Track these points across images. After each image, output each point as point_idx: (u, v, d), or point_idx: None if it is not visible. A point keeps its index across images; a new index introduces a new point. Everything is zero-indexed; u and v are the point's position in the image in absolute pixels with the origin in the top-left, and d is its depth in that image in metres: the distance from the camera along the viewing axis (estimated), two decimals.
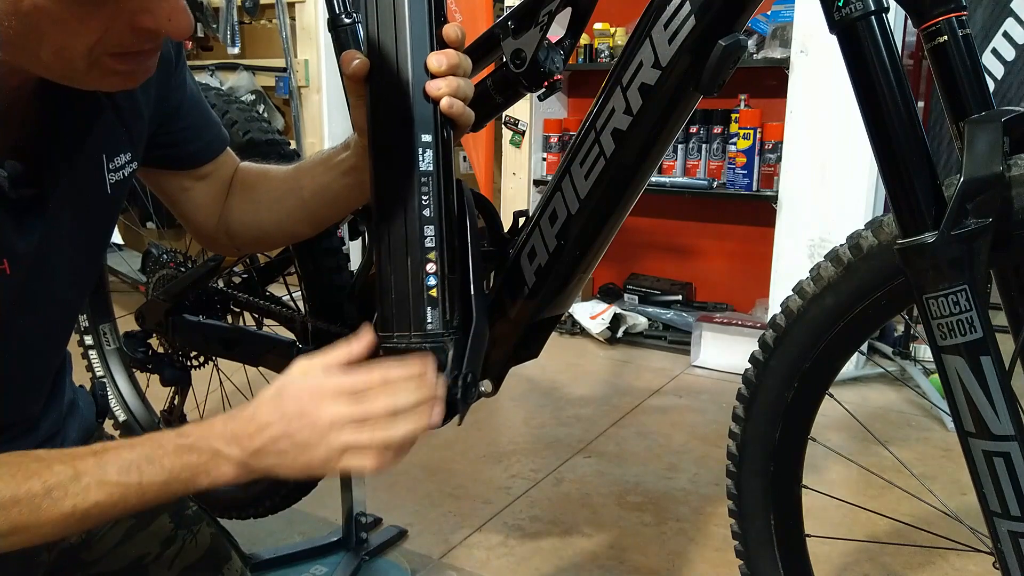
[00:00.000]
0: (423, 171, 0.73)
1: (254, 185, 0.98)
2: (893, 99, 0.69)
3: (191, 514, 1.00)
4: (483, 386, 1.01)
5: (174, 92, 0.88)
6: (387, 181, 0.75)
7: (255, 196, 0.98)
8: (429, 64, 0.73)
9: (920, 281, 0.70)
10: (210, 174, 0.96)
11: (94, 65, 0.62)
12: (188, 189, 0.96)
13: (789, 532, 0.98)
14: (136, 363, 1.50)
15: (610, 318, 2.96)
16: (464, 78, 0.75)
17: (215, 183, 0.97)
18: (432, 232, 0.74)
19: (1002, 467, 0.70)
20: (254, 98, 3.45)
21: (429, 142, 0.73)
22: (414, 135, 0.73)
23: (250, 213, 0.97)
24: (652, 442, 2.12)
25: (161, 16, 0.61)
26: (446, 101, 0.73)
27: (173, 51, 0.86)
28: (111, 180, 0.80)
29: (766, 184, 2.72)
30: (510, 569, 1.54)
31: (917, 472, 1.88)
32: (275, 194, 0.96)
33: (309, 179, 0.93)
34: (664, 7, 0.77)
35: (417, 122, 0.73)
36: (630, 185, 0.86)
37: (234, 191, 0.99)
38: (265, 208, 0.97)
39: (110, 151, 0.79)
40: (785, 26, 2.62)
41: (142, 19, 0.61)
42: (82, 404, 0.95)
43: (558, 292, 0.93)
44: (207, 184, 0.96)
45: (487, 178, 3.18)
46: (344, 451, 0.68)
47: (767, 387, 0.93)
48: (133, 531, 0.95)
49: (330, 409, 0.68)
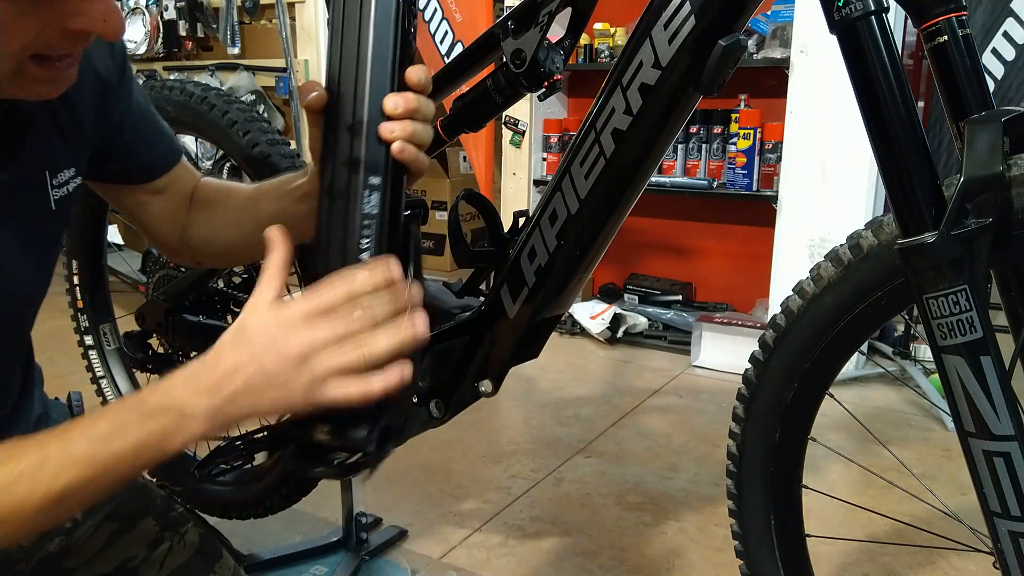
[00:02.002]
0: (366, 213, 0.71)
1: (214, 202, 0.98)
2: (893, 99, 0.69)
3: (177, 516, 0.99)
4: (483, 386, 1.01)
5: (117, 105, 0.87)
6: (330, 218, 0.73)
7: (215, 213, 0.97)
8: (386, 106, 0.71)
9: (920, 281, 0.70)
10: (166, 188, 0.96)
11: (18, 71, 0.62)
12: (145, 203, 0.95)
13: (789, 532, 0.98)
14: (136, 363, 1.50)
15: (610, 318, 2.96)
16: (423, 123, 0.73)
17: (173, 198, 0.97)
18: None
19: (1002, 467, 0.70)
20: (254, 98, 3.45)
21: (376, 185, 0.71)
22: (361, 176, 0.71)
23: (209, 229, 0.97)
24: (652, 442, 2.12)
25: (95, 18, 0.61)
26: (398, 146, 0.71)
27: (117, 64, 0.85)
28: (55, 196, 0.79)
29: (766, 184, 2.72)
30: (510, 569, 1.54)
31: (917, 472, 1.88)
32: (235, 214, 0.96)
33: (267, 202, 0.92)
34: (664, 7, 0.77)
35: (367, 163, 0.71)
36: (630, 185, 0.86)
37: (195, 206, 0.98)
38: (224, 226, 0.96)
39: (53, 167, 0.78)
40: (785, 26, 2.62)
41: (75, 21, 0.61)
42: (56, 416, 0.94)
43: (558, 292, 0.93)
44: (164, 199, 0.96)
45: (487, 178, 3.18)
46: (327, 378, 0.63)
47: (767, 387, 0.93)
48: (116, 535, 0.94)
49: (304, 335, 0.63)
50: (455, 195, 1.00)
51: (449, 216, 0.98)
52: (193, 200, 0.98)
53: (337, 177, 0.72)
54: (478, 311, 0.98)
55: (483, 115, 1.00)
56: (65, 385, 1.03)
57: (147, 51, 3.68)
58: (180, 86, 1.43)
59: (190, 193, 0.98)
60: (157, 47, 3.66)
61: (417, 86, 0.72)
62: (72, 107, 0.79)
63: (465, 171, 4.06)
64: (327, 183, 0.73)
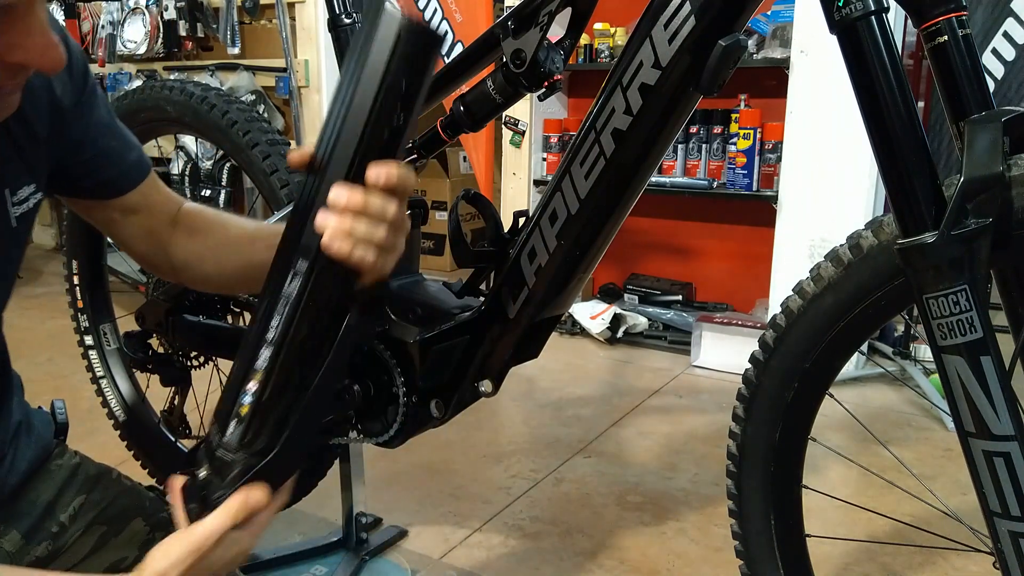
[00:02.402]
0: (285, 293, 0.69)
1: (206, 231, 0.98)
2: (893, 99, 0.69)
3: (167, 516, 0.98)
4: (483, 386, 1.01)
5: (76, 123, 0.86)
6: (267, 284, 0.71)
7: (205, 241, 0.97)
8: (329, 194, 0.66)
9: (920, 281, 0.70)
10: (139, 207, 0.95)
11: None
12: (118, 221, 0.95)
13: (789, 532, 0.98)
14: (136, 363, 1.50)
15: (610, 318, 2.96)
16: (372, 222, 0.66)
17: (150, 217, 0.96)
18: (267, 355, 0.69)
19: (1002, 467, 0.70)
20: (254, 98, 3.45)
21: (301, 270, 0.68)
22: (293, 255, 0.68)
23: (195, 255, 0.97)
24: (652, 442, 2.12)
25: (33, 53, 0.61)
26: (326, 238, 0.66)
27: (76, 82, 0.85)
28: (15, 213, 0.79)
29: (766, 184, 2.72)
30: (510, 569, 1.54)
31: (917, 472, 1.88)
32: (229, 248, 0.96)
33: (264, 247, 0.89)
34: (664, 7, 0.77)
35: (301, 244, 0.67)
36: (630, 185, 0.86)
37: (182, 229, 0.98)
38: (212, 256, 0.96)
39: (12, 185, 0.78)
40: (785, 26, 2.62)
41: (12, 55, 0.60)
42: (37, 424, 0.94)
43: (558, 292, 0.93)
44: (140, 218, 0.96)
45: (487, 178, 3.18)
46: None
47: (767, 387, 0.93)
48: (106, 537, 0.94)
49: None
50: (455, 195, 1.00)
51: (449, 216, 0.98)
52: (179, 223, 0.98)
53: (280, 247, 0.70)
54: (478, 311, 0.98)
55: (483, 115, 1.00)
56: (65, 385, 1.03)
57: (147, 51, 3.68)
58: (180, 86, 1.43)
59: (172, 215, 0.98)
60: (157, 47, 3.66)
61: (374, 184, 0.66)
62: (28, 124, 0.79)
63: (465, 171, 4.06)
64: (277, 249, 0.71)
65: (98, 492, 0.95)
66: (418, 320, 1.04)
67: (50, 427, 0.97)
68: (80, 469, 0.96)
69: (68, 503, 0.93)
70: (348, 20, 1.18)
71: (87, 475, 0.96)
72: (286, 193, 1.27)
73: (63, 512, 0.92)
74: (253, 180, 1.33)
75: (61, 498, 0.93)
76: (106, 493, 0.96)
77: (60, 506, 0.92)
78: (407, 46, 0.63)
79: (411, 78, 0.65)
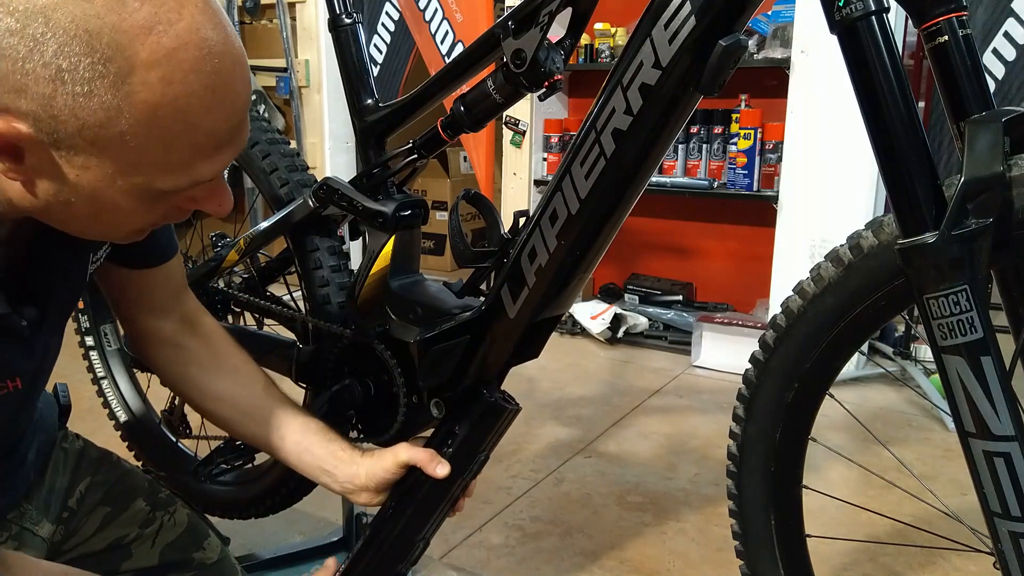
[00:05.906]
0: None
1: (223, 355, 1.02)
2: (893, 99, 0.69)
3: (165, 497, 1.04)
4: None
5: None
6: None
7: (216, 360, 1.01)
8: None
9: (920, 281, 0.70)
10: (156, 284, 0.97)
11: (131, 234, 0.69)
12: (125, 285, 0.97)
13: (789, 532, 0.98)
14: (137, 364, 1.50)
15: (610, 318, 2.96)
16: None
17: (160, 289, 0.98)
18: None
19: (1002, 467, 0.70)
20: (255, 98, 3.45)
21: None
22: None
23: (180, 376, 1.01)
24: (652, 442, 2.12)
25: (210, 205, 0.68)
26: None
27: None
28: (91, 270, 0.83)
29: (767, 184, 2.72)
30: (510, 569, 1.54)
31: (917, 472, 1.88)
32: (240, 389, 1.00)
33: (255, 422, 0.98)
34: (664, 7, 0.77)
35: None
36: (630, 185, 0.86)
37: (191, 331, 1.01)
38: (216, 381, 1.00)
39: (95, 247, 0.82)
40: (785, 26, 2.62)
41: (190, 204, 0.67)
42: (44, 408, 0.97)
43: (558, 292, 0.93)
44: (150, 285, 0.98)
45: (487, 178, 3.18)
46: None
47: (767, 387, 0.93)
48: (110, 518, 0.98)
49: None
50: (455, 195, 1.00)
51: (449, 216, 0.98)
52: (196, 328, 1.02)
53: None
54: (478, 311, 0.98)
55: (483, 115, 1.00)
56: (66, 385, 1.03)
57: None
58: None
59: (174, 293, 1.00)
60: None
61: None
62: None
63: (465, 171, 4.06)
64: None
65: (101, 474, 1.00)
66: (418, 320, 1.04)
67: (54, 410, 1.00)
68: (84, 452, 1.01)
69: (76, 487, 0.97)
70: (348, 20, 1.18)
71: (91, 458, 1.01)
72: (285, 192, 1.27)
73: (71, 496, 0.96)
74: (253, 179, 1.33)
75: (74, 483, 0.97)
76: (109, 475, 1.00)
77: (71, 491, 0.97)
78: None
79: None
